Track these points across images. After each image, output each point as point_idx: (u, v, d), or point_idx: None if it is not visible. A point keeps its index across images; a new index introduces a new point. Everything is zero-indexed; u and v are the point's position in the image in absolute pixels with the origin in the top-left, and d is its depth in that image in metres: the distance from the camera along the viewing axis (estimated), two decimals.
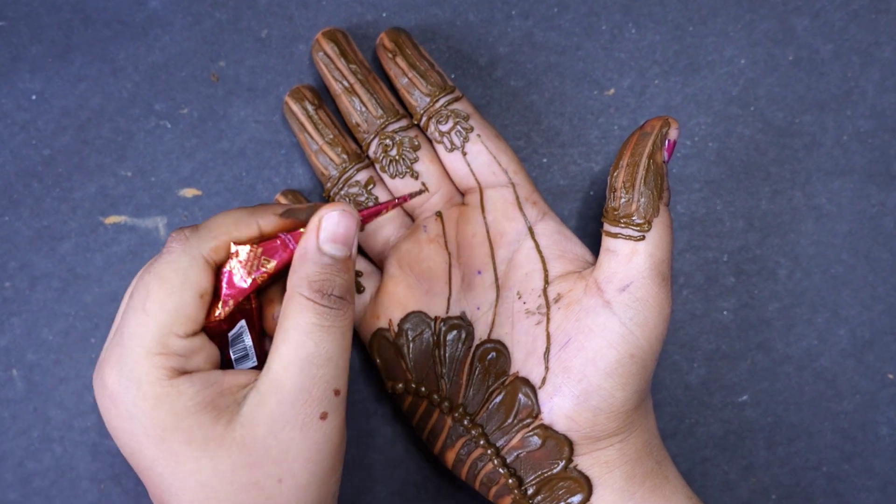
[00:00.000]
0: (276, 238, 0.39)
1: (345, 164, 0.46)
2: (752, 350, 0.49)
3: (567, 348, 0.42)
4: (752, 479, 0.49)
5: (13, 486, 0.47)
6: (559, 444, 0.42)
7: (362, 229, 0.46)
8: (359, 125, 0.46)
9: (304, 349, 0.38)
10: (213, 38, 0.48)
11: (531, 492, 0.43)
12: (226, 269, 0.39)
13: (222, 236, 0.39)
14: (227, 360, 0.41)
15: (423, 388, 0.44)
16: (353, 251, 0.40)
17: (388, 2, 0.48)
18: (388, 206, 0.42)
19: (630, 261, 0.41)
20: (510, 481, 0.43)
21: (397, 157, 0.46)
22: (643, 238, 0.41)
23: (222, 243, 0.39)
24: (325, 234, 0.39)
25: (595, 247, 0.45)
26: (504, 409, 0.43)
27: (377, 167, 0.46)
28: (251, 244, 0.39)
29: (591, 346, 0.41)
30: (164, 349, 0.37)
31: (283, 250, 0.39)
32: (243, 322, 0.40)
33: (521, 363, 0.43)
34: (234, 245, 0.39)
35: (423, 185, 0.46)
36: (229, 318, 0.39)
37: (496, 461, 0.43)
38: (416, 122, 0.46)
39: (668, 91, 0.49)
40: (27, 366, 0.47)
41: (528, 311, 0.44)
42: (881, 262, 0.49)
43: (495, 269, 0.45)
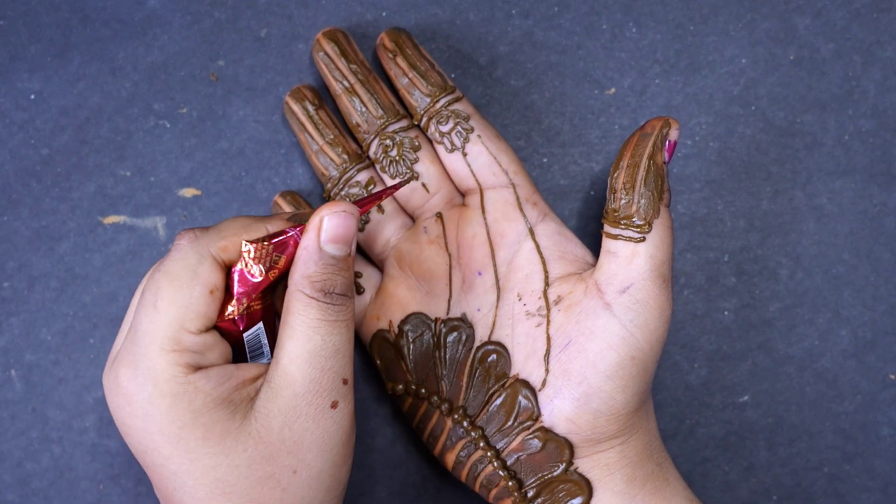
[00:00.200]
0: (284, 233, 0.40)
1: (345, 165, 0.46)
2: (753, 350, 0.49)
3: (567, 350, 0.42)
4: (752, 479, 0.49)
5: (11, 486, 0.47)
6: (559, 446, 0.42)
7: (362, 229, 0.46)
8: (359, 125, 0.46)
9: (311, 343, 0.38)
10: (213, 38, 0.48)
11: (531, 494, 0.43)
12: (237, 268, 0.39)
13: (232, 236, 0.39)
14: (237, 359, 0.41)
15: (424, 390, 0.44)
16: (353, 249, 0.40)
17: (388, 1, 0.48)
18: (381, 195, 0.42)
19: (630, 262, 0.41)
20: (510, 484, 0.43)
21: (397, 158, 0.45)
22: (643, 239, 0.41)
23: (232, 243, 0.39)
24: (327, 235, 0.39)
25: (596, 247, 0.44)
26: (504, 411, 0.43)
27: (377, 167, 0.46)
28: (262, 241, 0.39)
29: (592, 349, 0.41)
30: (178, 346, 0.37)
31: (292, 246, 0.40)
32: (261, 324, 0.40)
33: (521, 365, 0.43)
34: (247, 243, 0.39)
35: (414, 174, 0.45)
36: (246, 318, 0.39)
37: (496, 463, 0.43)
38: (416, 122, 0.46)
39: (669, 90, 0.49)
40: (26, 366, 0.47)
41: (529, 312, 0.43)
42: (883, 262, 0.49)
43: (496, 271, 0.45)
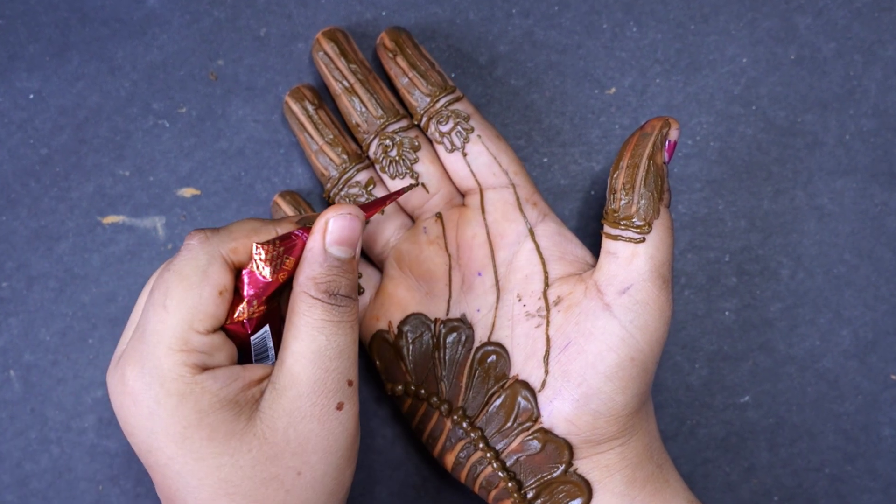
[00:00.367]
0: (292, 235, 0.40)
1: (345, 165, 0.46)
2: (754, 351, 0.49)
3: (567, 351, 0.42)
4: (753, 480, 0.49)
5: (10, 487, 0.47)
6: (559, 447, 0.42)
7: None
8: (359, 125, 0.46)
9: (316, 343, 0.38)
10: (212, 37, 0.48)
11: (531, 495, 0.43)
12: (246, 269, 0.39)
13: (242, 238, 0.39)
14: (242, 360, 0.41)
15: (423, 391, 0.44)
16: (358, 252, 0.40)
17: (388, 0, 0.48)
18: (385, 201, 0.42)
19: (630, 263, 0.41)
20: (510, 485, 0.43)
21: (397, 158, 0.45)
22: (643, 240, 0.41)
23: (241, 245, 0.39)
24: (332, 237, 0.39)
25: (596, 247, 0.44)
26: (504, 412, 0.43)
27: (377, 168, 0.46)
28: (272, 242, 0.39)
29: (591, 350, 0.41)
30: (186, 346, 0.37)
31: (299, 247, 0.40)
32: (267, 327, 0.40)
33: (520, 366, 0.43)
34: (257, 245, 0.39)
35: (416, 178, 0.45)
36: (255, 321, 0.39)
37: (496, 464, 0.43)
38: (416, 122, 0.46)
39: (670, 90, 0.49)
40: (24, 366, 0.47)
41: (528, 313, 0.43)
42: (884, 262, 0.49)
43: (496, 271, 0.45)
